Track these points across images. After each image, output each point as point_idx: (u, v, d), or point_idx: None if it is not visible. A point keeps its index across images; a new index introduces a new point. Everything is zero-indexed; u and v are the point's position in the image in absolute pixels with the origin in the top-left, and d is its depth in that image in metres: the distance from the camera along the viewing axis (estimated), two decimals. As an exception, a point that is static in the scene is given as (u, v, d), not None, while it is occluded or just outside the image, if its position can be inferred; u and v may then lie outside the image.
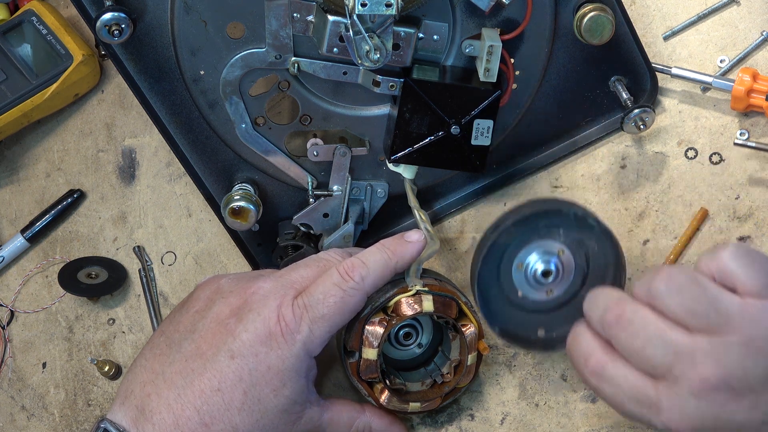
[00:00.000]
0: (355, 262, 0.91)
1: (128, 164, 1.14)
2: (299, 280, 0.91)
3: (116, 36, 0.94)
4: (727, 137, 1.03)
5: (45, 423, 1.11)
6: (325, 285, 0.90)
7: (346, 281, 0.90)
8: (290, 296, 0.90)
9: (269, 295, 0.90)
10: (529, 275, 0.92)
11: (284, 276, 0.92)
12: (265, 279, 0.92)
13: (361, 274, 0.91)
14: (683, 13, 1.05)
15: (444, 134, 0.96)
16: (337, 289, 0.90)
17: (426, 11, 0.94)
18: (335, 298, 0.89)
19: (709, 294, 0.79)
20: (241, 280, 0.93)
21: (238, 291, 0.91)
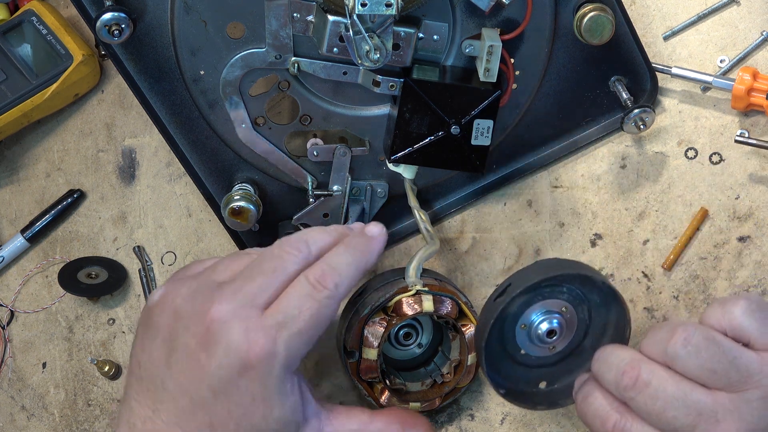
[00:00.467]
0: (325, 269, 0.83)
1: (128, 164, 1.14)
2: (259, 292, 0.82)
3: (116, 36, 0.93)
4: (727, 137, 1.03)
5: (45, 423, 1.11)
6: (297, 298, 0.81)
7: (319, 291, 0.82)
8: (255, 316, 0.80)
9: (232, 321, 0.80)
10: (533, 335, 0.90)
11: (241, 290, 0.82)
12: (222, 296, 0.82)
13: (335, 282, 0.82)
14: (683, 13, 1.05)
15: (444, 134, 0.96)
16: (311, 300, 0.81)
17: (426, 11, 0.94)
18: (311, 311, 0.81)
19: (728, 352, 0.78)
20: (196, 298, 0.83)
21: (197, 317, 0.81)
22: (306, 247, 0.84)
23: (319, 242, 0.85)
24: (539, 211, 1.05)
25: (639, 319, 1.00)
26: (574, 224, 1.04)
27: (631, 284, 1.01)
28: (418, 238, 1.07)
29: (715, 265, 1.00)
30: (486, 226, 1.06)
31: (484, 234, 1.06)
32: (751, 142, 0.99)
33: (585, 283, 0.89)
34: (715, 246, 1.00)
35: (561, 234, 1.04)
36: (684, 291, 1.00)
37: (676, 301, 1.00)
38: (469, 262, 1.05)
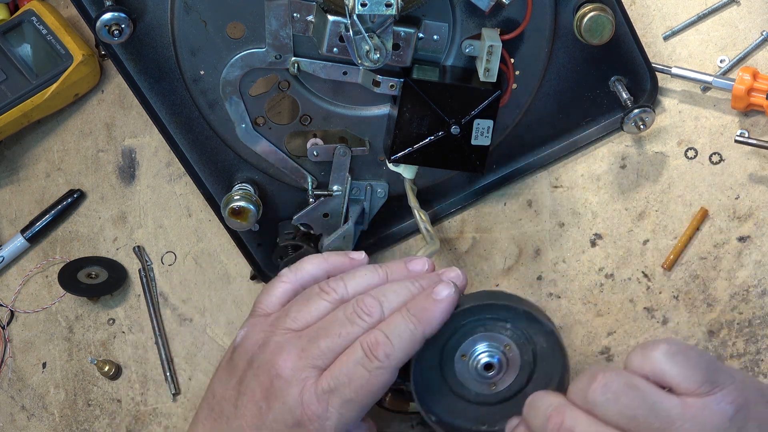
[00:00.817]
0: (379, 338, 0.83)
1: (128, 164, 1.14)
2: (323, 353, 0.84)
3: (116, 36, 0.93)
4: (727, 137, 1.03)
5: (45, 423, 1.11)
6: (348, 365, 0.83)
7: (371, 361, 0.83)
8: (312, 379, 0.83)
9: (291, 380, 0.84)
10: (471, 367, 0.87)
11: (307, 349, 0.84)
12: (288, 353, 0.85)
13: (386, 352, 0.83)
14: (683, 13, 1.05)
15: (444, 134, 0.96)
16: (362, 369, 0.83)
17: (426, 11, 0.94)
18: (361, 380, 0.83)
19: (648, 399, 0.77)
20: (268, 346, 0.86)
21: (265, 368, 0.85)
22: (379, 311, 0.85)
23: (394, 304, 0.85)
24: (539, 211, 1.05)
25: (639, 319, 1.00)
26: (574, 224, 1.04)
27: (631, 284, 1.01)
28: (418, 238, 1.07)
29: (715, 265, 1.00)
30: (486, 226, 1.06)
31: (484, 234, 1.06)
32: (751, 142, 0.99)
33: (531, 322, 0.87)
34: (715, 246, 1.00)
35: (561, 234, 1.04)
36: (684, 291, 1.00)
37: (676, 301, 1.00)
38: (469, 262, 1.05)
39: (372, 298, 0.85)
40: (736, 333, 0.97)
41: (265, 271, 1.07)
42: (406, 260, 0.90)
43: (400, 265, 0.89)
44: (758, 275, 0.99)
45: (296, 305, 0.88)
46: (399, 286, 0.87)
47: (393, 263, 0.90)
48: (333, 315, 0.86)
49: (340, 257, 0.92)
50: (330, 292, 0.87)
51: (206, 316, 1.10)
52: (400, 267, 0.89)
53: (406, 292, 0.86)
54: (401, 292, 0.86)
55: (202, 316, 1.10)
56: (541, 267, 1.04)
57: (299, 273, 0.91)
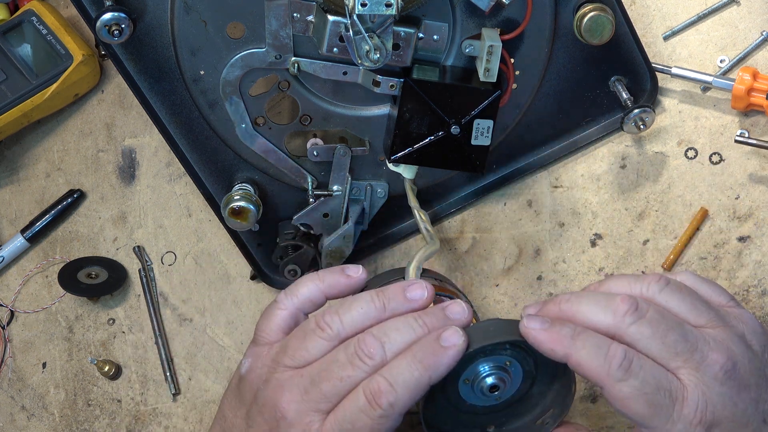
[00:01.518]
0: (382, 386, 0.80)
1: (128, 164, 1.14)
2: (325, 397, 0.82)
3: (116, 36, 0.93)
4: (727, 137, 1.03)
5: (45, 423, 1.11)
6: (351, 411, 0.81)
7: (374, 409, 0.80)
8: (316, 424, 0.82)
9: (295, 424, 0.83)
10: (476, 389, 0.87)
11: (310, 392, 0.83)
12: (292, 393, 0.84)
13: (389, 401, 0.80)
14: (683, 13, 1.05)
15: (444, 134, 0.96)
16: (365, 417, 0.80)
17: (426, 11, 0.94)
18: (365, 429, 0.81)
19: (701, 298, 0.81)
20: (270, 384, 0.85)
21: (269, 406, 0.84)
22: (381, 353, 0.82)
23: (397, 345, 0.82)
24: (539, 211, 1.05)
25: (639, 319, 1.00)
26: (574, 224, 1.04)
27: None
28: (418, 238, 1.07)
29: (715, 265, 1.00)
30: (486, 226, 1.06)
31: (484, 234, 1.06)
32: (751, 142, 0.99)
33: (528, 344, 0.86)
34: (715, 246, 1.00)
35: (561, 234, 1.04)
36: (684, 291, 1.00)
37: (676, 301, 1.00)
38: (469, 262, 1.05)
39: (373, 338, 0.83)
40: (736, 333, 0.97)
41: (265, 271, 1.07)
42: (405, 286, 0.86)
43: (397, 291, 0.86)
44: (758, 275, 0.99)
45: (294, 341, 0.86)
46: (402, 325, 0.83)
47: (390, 289, 0.86)
48: (334, 355, 0.83)
49: (335, 276, 0.89)
50: (325, 329, 0.84)
51: (206, 316, 1.10)
52: (398, 294, 0.85)
53: (410, 332, 0.83)
54: (405, 332, 0.83)
55: (202, 316, 1.10)
56: (541, 267, 1.04)
57: (295, 298, 0.88)
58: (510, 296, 1.04)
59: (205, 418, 1.08)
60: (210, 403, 1.08)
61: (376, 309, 0.84)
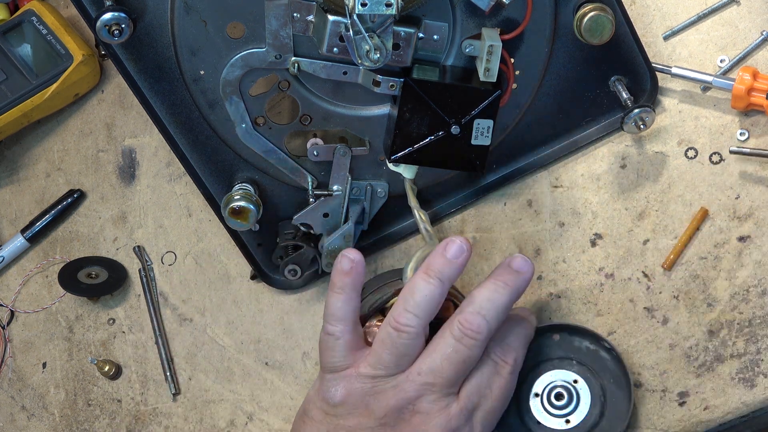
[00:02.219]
0: (505, 348, 0.92)
1: (128, 164, 1.14)
2: (456, 382, 0.90)
3: (116, 36, 0.93)
4: (727, 137, 1.03)
5: (45, 423, 1.11)
6: (485, 378, 0.91)
7: (504, 367, 0.92)
8: (454, 406, 0.90)
9: (432, 414, 0.89)
10: (544, 402, 0.95)
11: (437, 383, 0.90)
12: (417, 391, 0.90)
13: (514, 357, 0.92)
14: (683, 13, 1.05)
15: (444, 134, 0.96)
16: (499, 378, 0.91)
17: (426, 11, 0.94)
18: (500, 389, 0.91)
19: None
20: (388, 396, 0.90)
21: (393, 414, 0.90)
22: (487, 327, 0.90)
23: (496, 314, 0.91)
24: (539, 210, 1.05)
25: (639, 318, 1.00)
26: (574, 224, 1.04)
27: (631, 284, 1.01)
28: (418, 238, 1.07)
29: (715, 265, 1.00)
30: (486, 226, 1.06)
31: (484, 234, 1.06)
32: (745, 151, 0.99)
33: (596, 357, 0.96)
34: (715, 246, 1.00)
35: (561, 234, 1.04)
36: (684, 291, 1.00)
37: (676, 301, 1.00)
38: (470, 262, 1.05)
39: (475, 315, 0.90)
40: (736, 333, 0.97)
41: (265, 271, 1.07)
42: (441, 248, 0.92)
43: (438, 259, 0.91)
44: (758, 275, 0.99)
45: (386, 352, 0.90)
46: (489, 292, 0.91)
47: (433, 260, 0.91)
48: (444, 344, 0.90)
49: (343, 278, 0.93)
50: (407, 330, 0.90)
51: (206, 316, 1.10)
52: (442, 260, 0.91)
53: (499, 297, 0.91)
54: (495, 298, 0.91)
55: (202, 316, 1.10)
56: (541, 267, 1.04)
57: (341, 322, 0.92)
58: (510, 296, 1.04)
59: (205, 418, 1.08)
60: (210, 403, 1.08)
61: (436, 286, 0.90)
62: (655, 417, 0.96)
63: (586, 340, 0.97)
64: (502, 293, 0.91)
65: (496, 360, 0.91)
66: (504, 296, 0.91)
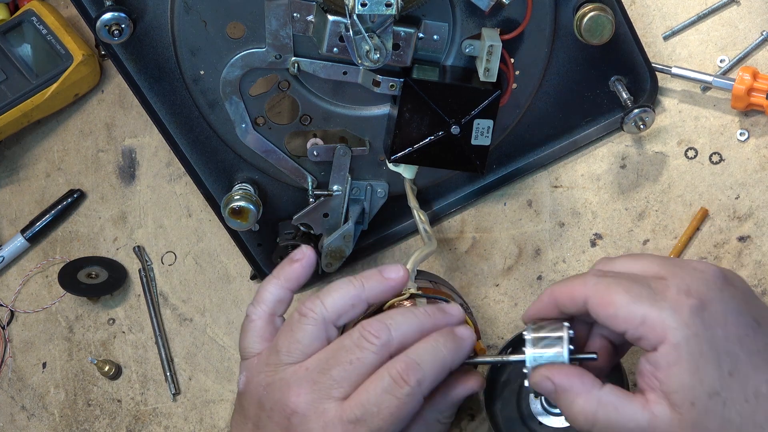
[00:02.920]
0: (409, 364, 0.81)
1: (128, 164, 1.14)
2: (337, 383, 0.82)
3: (116, 36, 0.93)
4: (727, 137, 1.03)
5: (45, 423, 1.11)
6: (376, 393, 0.81)
7: (401, 387, 0.80)
8: (332, 411, 0.81)
9: (310, 415, 0.81)
10: (544, 401, 0.94)
11: (319, 381, 0.82)
12: (299, 387, 0.83)
13: (417, 378, 0.81)
14: (683, 13, 1.05)
15: (444, 134, 0.96)
16: (391, 397, 0.80)
17: (426, 11, 0.94)
18: (390, 409, 0.80)
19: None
20: (274, 387, 0.85)
21: (279, 408, 0.83)
22: (387, 334, 0.83)
23: (402, 328, 0.84)
24: (539, 211, 1.05)
25: (639, 319, 1.00)
26: (574, 224, 1.04)
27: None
28: (418, 238, 1.07)
29: (715, 265, 1.00)
30: (486, 226, 1.06)
31: (484, 234, 1.06)
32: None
33: None
34: (715, 246, 1.00)
35: (561, 234, 1.04)
36: (684, 291, 1.00)
37: (676, 301, 1.00)
38: (469, 262, 1.05)
39: (377, 321, 0.84)
40: (736, 333, 0.97)
41: (265, 271, 1.07)
42: (380, 269, 0.88)
43: (373, 272, 0.87)
44: (758, 275, 0.99)
45: (283, 338, 0.86)
46: (404, 310, 0.86)
47: (366, 273, 0.87)
48: (339, 343, 0.84)
49: (287, 268, 0.90)
50: (309, 314, 0.85)
51: (206, 316, 1.10)
52: (375, 274, 0.87)
53: (412, 316, 0.84)
54: (407, 315, 0.85)
55: (202, 316, 1.10)
56: (541, 267, 1.04)
57: (263, 304, 0.89)
58: (510, 296, 1.04)
59: (205, 418, 1.08)
60: (210, 403, 1.08)
61: (355, 288, 0.86)
62: (655, 417, 0.96)
63: None
64: (419, 317, 0.84)
65: (394, 376, 0.81)
66: (420, 319, 0.84)
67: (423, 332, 0.84)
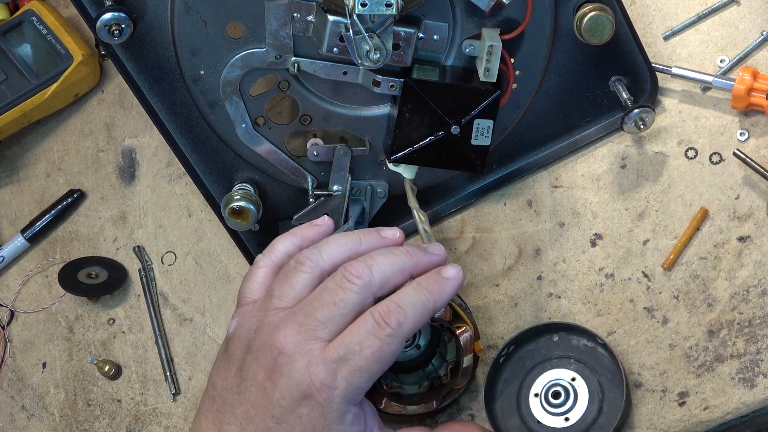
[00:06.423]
0: (391, 307, 0.84)
1: (128, 164, 1.14)
2: (322, 324, 0.84)
3: (116, 36, 0.94)
4: (727, 137, 1.03)
5: (45, 423, 1.11)
6: (359, 334, 0.83)
7: (382, 328, 0.83)
8: (317, 350, 0.84)
9: (295, 355, 0.84)
10: (543, 401, 0.96)
11: (305, 323, 0.85)
12: (287, 327, 0.85)
13: (398, 320, 0.84)
14: (683, 13, 1.05)
15: (444, 134, 0.96)
16: (373, 338, 0.83)
17: (426, 11, 0.94)
18: (372, 349, 0.83)
19: None
20: (263, 330, 0.87)
21: (266, 349, 0.85)
22: (368, 274, 0.85)
23: (383, 268, 0.86)
24: (539, 211, 1.05)
25: (639, 319, 1.00)
26: (574, 224, 1.04)
27: (631, 284, 1.01)
28: (418, 238, 1.07)
29: (715, 265, 1.00)
30: (486, 226, 1.06)
31: (484, 234, 1.06)
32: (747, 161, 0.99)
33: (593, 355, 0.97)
34: (715, 246, 1.00)
35: (561, 234, 1.04)
36: (684, 291, 1.00)
37: (676, 301, 1.00)
38: (469, 262, 1.05)
39: (359, 262, 0.86)
40: (736, 333, 0.97)
41: (265, 271, 1.07)
42: (378, 228, 0.91)
43: (372, 231, 0.90)
44: (758, 275, 0.99)
45: (277, 284, 0.88)
46: (386, 251, 0.88)
47: (365, 230, 0.91)
48: (322, 285, 0.86)
49: (305, 228, 0.92)
50: (305, 262, 0.87)
51: (206, 316, 1.10)
52: (372, 233, 0.90)
53: (394, 257, 0.87)
54: (389, 256, 0.87)
55: (202, 316, 1.10)
56: (541, 267, 1.04)
57: (273, 254, 0.91)
58: (510, 296, 1.04)
59: (205, 418, 1.08)
60: (210, 403, 1.08)
61: (352, 241, 0.88)
62: (655, 417, 0.96)
63: (584, 338, 0.97)
64: (400, 256, 0.87)
65: (376, 318, 0.84)
66: (401, 258, 0.87)
67: (404, 271, 0.87)
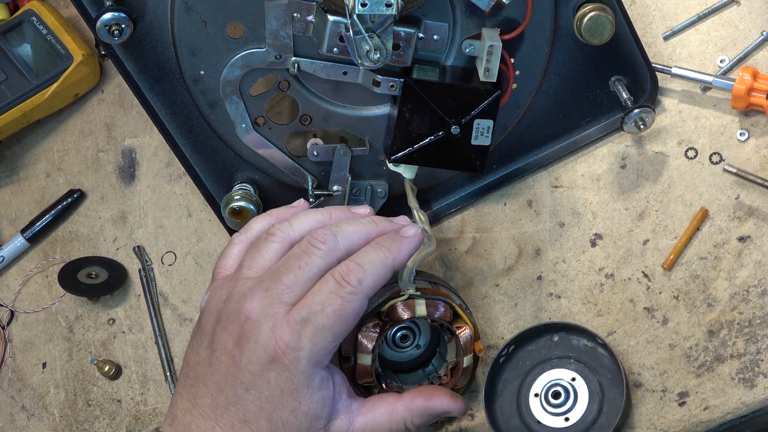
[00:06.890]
0: (350, 266, 0.86)
1: (128, 164, 1.14)
2: (288, 288, 0.86)
3: (116, 36, 0.94)
4: (727, 137, 1.03)
5: (45, 423, 1.11)
6: (321, 294, 0.85)
7: (343, 287, 0.85)
8: (282, 314, 0.85)
9: (261, 319, 0.85)
10: (543, 401, 0.96)
11: (271, 288, 0.86)
12: (253, 296, 0.86)
13: (358, 278, 0.85)
14: (683, 13, 1.05)
15: (444, 134, 0.96)
16: (334, 296, 0.85)
17: (426, 11, 0.94)
18: (333, 307, 0.85)
19: None
20: (232, 299, 0.88)
21: (234, 317, 0.87)
22: (333, 240, 0.87)
23: (348, 234, 0.88)
24: (539, 211, 1.05)
25: (639, 319, 1.00)
26: (574, 224, 1.04)
27: (631, 284, 1.01)
28: (418, 238, 1.07)
29: (715, 265, 1.00)
30: (486, 226, 1.06)
31: (484, 234, 1.06)
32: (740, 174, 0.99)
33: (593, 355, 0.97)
34: (715, 246, 1.00)
35: (561, 234, 1.04)
36: (684, 291, 1.00)
37: (676, 301, 1.00)
38: (469, 262, 1.05)
39: (325, 229, 0.88)
40: (736, 333, 0.97)
41: (265, 271, 1.07)
42: (348, 206, 0.93)
43: (343, 208, 0.92)
44: (758, 275, 0.99)
45: (248, 255, 0.90)
46: (352, 219, 0.90)
47: (337, 206, 0.93)
48: (289, 252, 0.88)
49: (282, 209, 0.94)
50: (276, 233, 0.89)
51: (206, 316, 1.10)
52: (343, 209, 0.92)
53: (359, 225, 0.89)
54: (354, 224, 0.89)
55: (202, 316, 1.10)
56: (541, 267, 1.04)
57: (249, 232, 0.92)
58: (510, 296, 1.04)
59: (205, 418, 1.08)
60: (210, 403, 1.08)
61: (323, 215, 0.91)
62: (655, 417, 0.96)
63: (584, 338, 0.97)
64: (365, 224, 0.89)
65: (337, 278, 0.85)
66: (366, 226, 0.89)
67: (369, 239, 0.88)
